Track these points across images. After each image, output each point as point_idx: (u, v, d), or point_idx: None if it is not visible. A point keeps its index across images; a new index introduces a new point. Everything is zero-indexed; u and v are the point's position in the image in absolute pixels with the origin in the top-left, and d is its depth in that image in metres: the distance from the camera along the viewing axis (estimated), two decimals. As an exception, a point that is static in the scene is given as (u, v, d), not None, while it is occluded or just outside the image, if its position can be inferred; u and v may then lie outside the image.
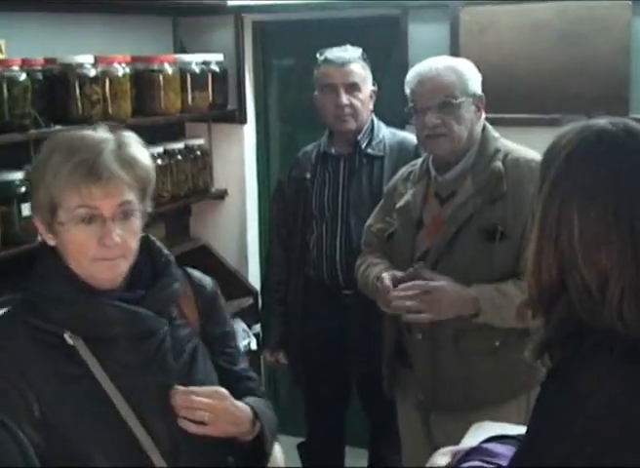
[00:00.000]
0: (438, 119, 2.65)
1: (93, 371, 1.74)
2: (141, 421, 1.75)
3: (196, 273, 2.12)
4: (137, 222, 1.80)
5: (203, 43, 4.17)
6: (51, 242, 1.79)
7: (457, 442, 2.34)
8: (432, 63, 2.73)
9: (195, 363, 1.90)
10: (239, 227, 4.34)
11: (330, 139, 3.36)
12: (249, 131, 4.32)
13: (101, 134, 1.79)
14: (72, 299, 1.76)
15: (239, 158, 4.30)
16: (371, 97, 3.31)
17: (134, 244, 1.80)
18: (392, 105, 3.58)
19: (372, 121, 3.33)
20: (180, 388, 1.79)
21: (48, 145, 1.80)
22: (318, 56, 3.30)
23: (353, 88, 3.24)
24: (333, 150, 3.34)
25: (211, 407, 1.80)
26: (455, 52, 3.65)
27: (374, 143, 3.28)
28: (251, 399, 1.97)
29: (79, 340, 1.75)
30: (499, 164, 2.65)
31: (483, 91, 2.78)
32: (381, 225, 2.92)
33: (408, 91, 2.76)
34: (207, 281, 2.11)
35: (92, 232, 1.73)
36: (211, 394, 1.82)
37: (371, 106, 3.32)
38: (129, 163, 1.76)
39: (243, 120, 4.24)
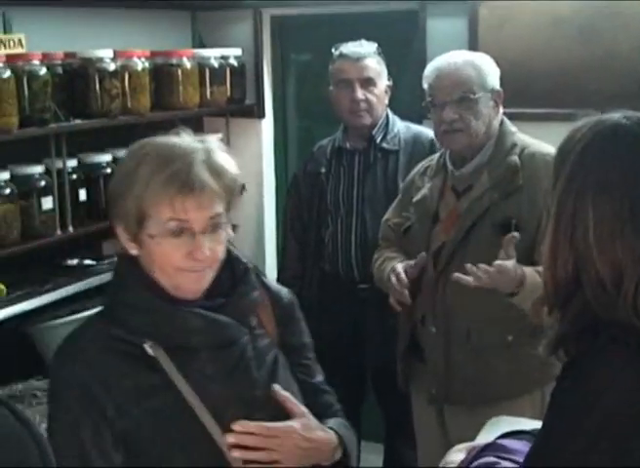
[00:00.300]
0: (456, 114, 2.66)
1: (174, 382, 1.70)
2: (225, 433, 1.69)
3: (273, 282, 2.02)
4: (224, 234, 1.76)
5: (221, 37, 4.18)
6: (133, 251, 1.74)
7: (472, 437, 2.35)
8: (451, 58, 2.73)
9: (276, 374, 1.84)
10: (257, 222, 4.35)
11: (345, 134, 3.37)
12: (267, 125, 4.32)
13: (189, 141, 1.73)
14: (154, 308, 1.71)
15: (257, 153, 4.31)
16: (386, 91, 3.31)
17: (221, 255, 1.76)
18: (410, 100, 3.59)
19: (387, 115, 3.33)
20: (238, 426, 1.70)
21: (134, 154, 1.74)
22: (333, 50, 3.31)
23: (368, 83, 3.24)
24: (348, 145, 3.35)
25: (275, 444, 1.72)
26: (473, 47, 3.64)
27: (388, 138, 3.29)
28: (334, 421, 1.91)
29: (160, 350, 1.70)
30: (515, 158, 2.66)
31: (501, 85, 2.78)
32: (398, 220, 2.93)
33: (426, 85, 2.76)
34: (284, 291, 2.00)
35: (181, 245, 1.68)
36: (277, 432, 1.74)
37: (386, 101, 3.32)
38: (219, 173, 1.71)
39: (261, 114, 4.25)
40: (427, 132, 3.29)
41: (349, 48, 3.26)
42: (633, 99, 3.44)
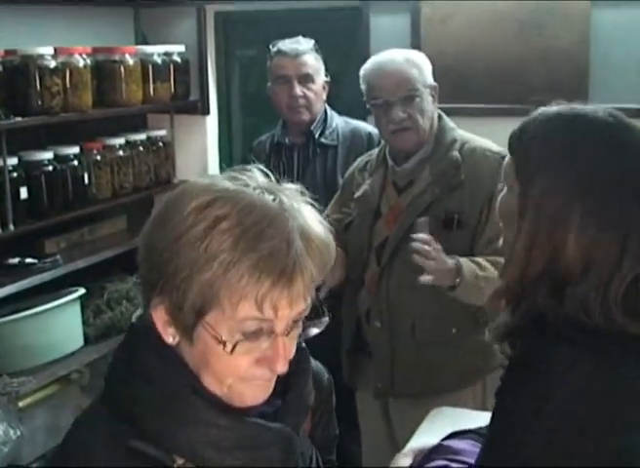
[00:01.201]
0: (404, 113, 2.65)
1: None
2: None
3: (311, 359, 1.53)
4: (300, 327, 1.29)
5: (165, 34, 4.16)
6: (170, 340, 1.24)
7: (415, 428, 2.38)
8: (391, 57, 2.72)
9: None
10: (202, 218, 4.33)
11: (284, 130, 3.37)
12: (211, 122, 4.31)
13: (270, 193, 1.29)
14: (207, 419, 1.22)
15: (202, 149, 4.30)
16: (324, 87, 3.32)
17: (293, 353, 1.28)
18: (354, 96, 3.59)
19: (325, 111, 3.34)
20: None
21: (197, 210, 1.19)
22: (271, 47, 3.31)
23: (306, 79, 3.25)
24: (287, 140, 3.36)
25: None
26: (415, 43, 3.67)
27: (327, 133, 3.30)
28: None
29: None
30: (456, 153, 2.67)
31: (443, 81, 2.80)
32: (338, 215, 2.93)
33: (365, 85, 2.74)
34: (323, 370, 1.60)
35: (254, 349, 1.21)
36: None
37: (324, 97, 3.33)
38: (318, 253, 1.24)
39: (205, 111, 4.24)
40: (365, 126, 3.32)
41: (287, 44, 3.26)
42: (574, 93, 3.47)
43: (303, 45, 3.26)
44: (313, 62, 3.26)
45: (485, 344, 2.52)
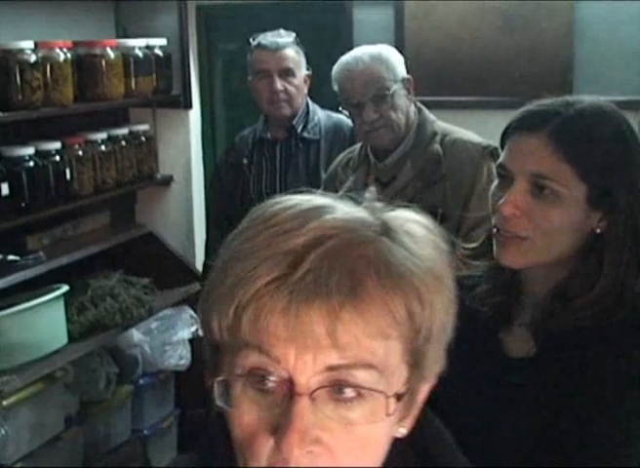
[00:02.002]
0: (376, 113, 2.64)
1: None
2: None
3: None
4: None
5: (146, 28, 4.12)
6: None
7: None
8: (357, 56, 2.70)
9: None
10: (185, 213, 4.31)
11: (266, 124, 3.35)
12: (194, 116, 4.28)
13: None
14: None
15: (184, 143, 4.27)
16: (305, 81, 3.29)
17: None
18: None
19: (307, 105, 3.31)
20: None
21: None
22: (251, 41, 3.27)
23: (287, 73, 3.21)
24: (269, 135, 3.33)
25: None
26: (399, 35, 3.66)
27: (309, 127, 3.28)
28: None
29: None
30: (437, 147, 2.66)
31: (428, 74, 2.78)
32: None
33: (336, 87, 2.74)
34: None
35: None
36: None
37: (305, 91, 3.30)
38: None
39: (188, 105, 4.21)
40: (347, 120, 3.30)
41: (267, 38, 3.23)
42: (558, 86, 3.49)
43: (284, 38, 3.23)
44: (294, 56, 3.23)
45: None
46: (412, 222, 0.95)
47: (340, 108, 2.77)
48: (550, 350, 1.44)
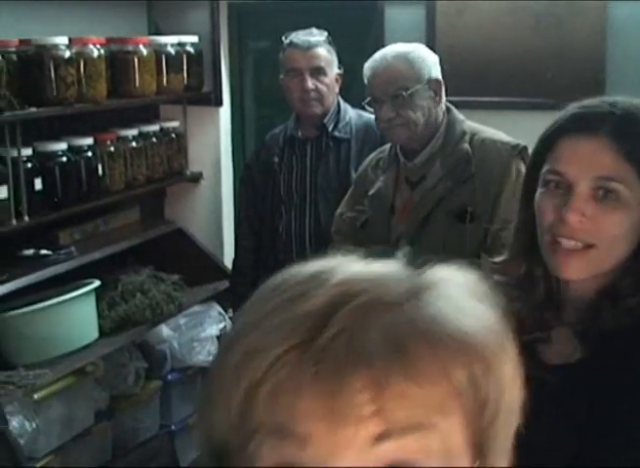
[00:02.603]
0: (393, 112, 2.65)
1: None
2: None
3: None
4: None
5: (178, 25, 4.13)
6: None
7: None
8: (384, 54, 2.71)
9: None
10: (214, 210, 4.33)
11: (297, 123, 3.35)
12: (224, 113, 4.29)
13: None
14: None
15: (214, 141, 4.29)
16: (337, 80, 3.29)
17: None
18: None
19: (338, 104, 3.31)
20: None
21: None
22: (284, 39, 3.28)
23: (319, 72, 3.21)
24: (300, 134, 3.33)
25: None
26: (430, 35, 3.66)
27: (340, 126, 3.27)
28: None
29: None
30: (466, 146, 2.66)
31: (459, 74, 2.77)
32: (352, 214, 2.91)
33: (366, 82, 2.75)
34: None
35: None
36: None
37: (337, 89, 3.29)
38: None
39: (218, 102, 4.22)
40: None
41: (299, 36, 3.23)
42: (590, 86, 3.48)
43: (316, 37, 3.23)
44: (326, 55, 3.23)
45: None
46: (457, 277, 0.76)
47: (364, 103, 2.77)
48: (598, 353, 1.37)
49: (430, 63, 2.71)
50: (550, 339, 1.44)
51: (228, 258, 4.24)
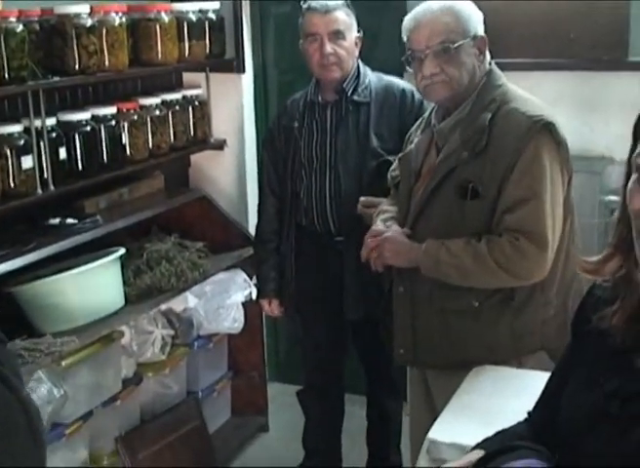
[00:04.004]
0: (437, 67, 2.51)
1: None
2: None
3: None
4: None
5: (199, -9, 4.12)
6: None
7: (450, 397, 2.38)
8: (428, 5, 2.57)
9: None
10: (239, 177, 4.33)
11: (317, 88, 3.34)
12: (247, 80, 4.28)
13: None
14: None
15: (237, 108, 4.28)
16: (356, 43, 3.27)
17: None
18: (390, 51, 3.56)
19: (357, 67, 3.30)
20: None
21: None
22: (302, 3, 3.27)
23: (337, 36, 3.20)
24: (320, 98, 3.33)
25: None
26: (454, -3, 3.62)
27: (359, 90, 3.26)
28: None
29: None
30: (486, 116, 2.50)
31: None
32: (394, 172, 2.89)
33: (405, 37, 2.61)
34: None
35: None
36: None
37: (356, 53, 3.28)
38: None
39: (241, 69, 4.21)
40: (399, 82, 3.29)
41: (318, 1, 3.22)
42: (614, 47, 3.45)
43: (334, 1, 3.22)
44: (344, 18, 3.21)
45: (514, 323, 2.53)
46: None
47: (403, 59, 2.62)
48: None
49: (476, 19, 2.59)
50: None
51: (253, 225, 4.23)
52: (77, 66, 3.21)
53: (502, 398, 2.36)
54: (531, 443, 1.56)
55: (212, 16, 3.92)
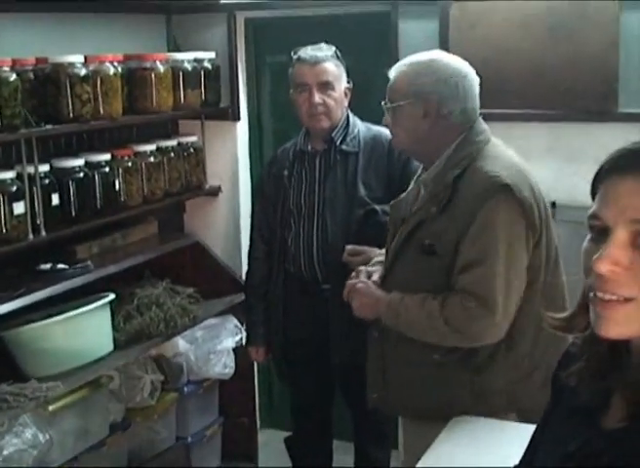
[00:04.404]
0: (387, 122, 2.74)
1: None
2: None
3: None
4: None
5: (197, 41, 4.19)
6: None
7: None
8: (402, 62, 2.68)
9: None
10: (233, 224, 4.37)
11: (306, 137, 3.39)
12: (242, 128, 4.34)
13: None
14: None
15: (232, 155, 4.33)
16: (345, 94, 3.32)
17: None
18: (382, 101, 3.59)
19: (347, 117, 3.34)
20: None
21: None
22: (292, 54, 3.32)
23: (326, 87, 3.25)
24: (309, 147, 3.37)
25: None
26: (444, 47, 3.66)
27: (348, 139, 3.30)
28: None
29: None
30: (453, 173, 2.49)
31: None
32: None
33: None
34: None
35: None
36: None
37: (346, 103, 3.33)
38: None
39: (236, 117, 4.27)
40: (387, 132, 3.32)
41: (307, 52, 3.27)
42: (604, 98, 3.48)
43: (324, 52, 3.27)
44: (333, 69, 3.26)
45: (475, 381, 2.52)
46: None
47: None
48: None
49: (426, 78, 2.58)
50: (609, 405, 1.31)
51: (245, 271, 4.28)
52: (71, 114, 3.27)
53: (479, 449, 2.37)
54: None
55: (207, 65, 3.98)
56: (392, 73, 2.65)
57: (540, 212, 2.48)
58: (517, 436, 1.71)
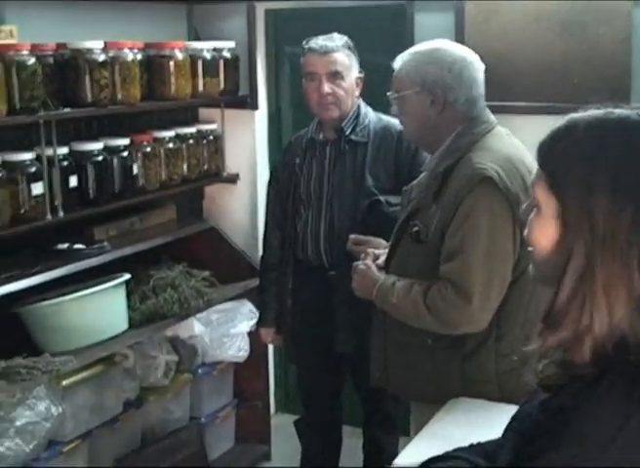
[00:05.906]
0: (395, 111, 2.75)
1: None
2: None
3: None
4: None
5: (217, 30, 4.28)
6: None
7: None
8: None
9: None
10: (250, 211, 4.44)
11: (318, 126, 3.44)
12: (260, 116, 4.42)
13: None
14: None
15: (251, 143, 4.41)
16: (357, 84, 3.35)
17: None
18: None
19: (358, 107, 3.39)
20: None
21: None
22: (304, 44, 3.37)
23: (336, 76, 3.28)
24: (321, 136, 3.42)
25: None
26: (459, 40, 3.70)
27: (358, 129, 3.34)
28: None
29: None
30: (445, 164, 2.52)
31: (487, 79, 2.71)
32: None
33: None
34: None
35: None
36: None
37: (356, 93, 3.36)
38: None
39: (254, 106, 4.34)
40: (398, 123, 3.35)
41: (318, 41, 3.31)
42: (615, 93, 3.51)
43: (334, 42, 3.30)
44: (343, 59, 3.30)
45: (465, 367, 2.56)
46: None
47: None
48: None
49: (434, 67, 2.61)
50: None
51: (261, 257, 4.35)
52: (89, 99, 3.36)
53: (473, 428, 2.41)
54: (475, 455, 1.65)
55: (226, 54, 4.06)
56: (397, 63, 2.69)
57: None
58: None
